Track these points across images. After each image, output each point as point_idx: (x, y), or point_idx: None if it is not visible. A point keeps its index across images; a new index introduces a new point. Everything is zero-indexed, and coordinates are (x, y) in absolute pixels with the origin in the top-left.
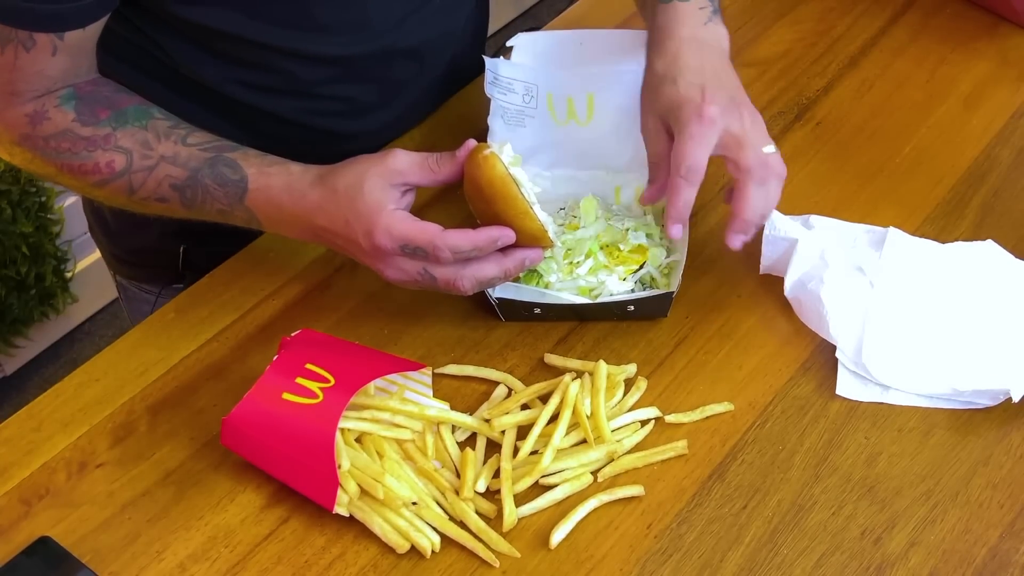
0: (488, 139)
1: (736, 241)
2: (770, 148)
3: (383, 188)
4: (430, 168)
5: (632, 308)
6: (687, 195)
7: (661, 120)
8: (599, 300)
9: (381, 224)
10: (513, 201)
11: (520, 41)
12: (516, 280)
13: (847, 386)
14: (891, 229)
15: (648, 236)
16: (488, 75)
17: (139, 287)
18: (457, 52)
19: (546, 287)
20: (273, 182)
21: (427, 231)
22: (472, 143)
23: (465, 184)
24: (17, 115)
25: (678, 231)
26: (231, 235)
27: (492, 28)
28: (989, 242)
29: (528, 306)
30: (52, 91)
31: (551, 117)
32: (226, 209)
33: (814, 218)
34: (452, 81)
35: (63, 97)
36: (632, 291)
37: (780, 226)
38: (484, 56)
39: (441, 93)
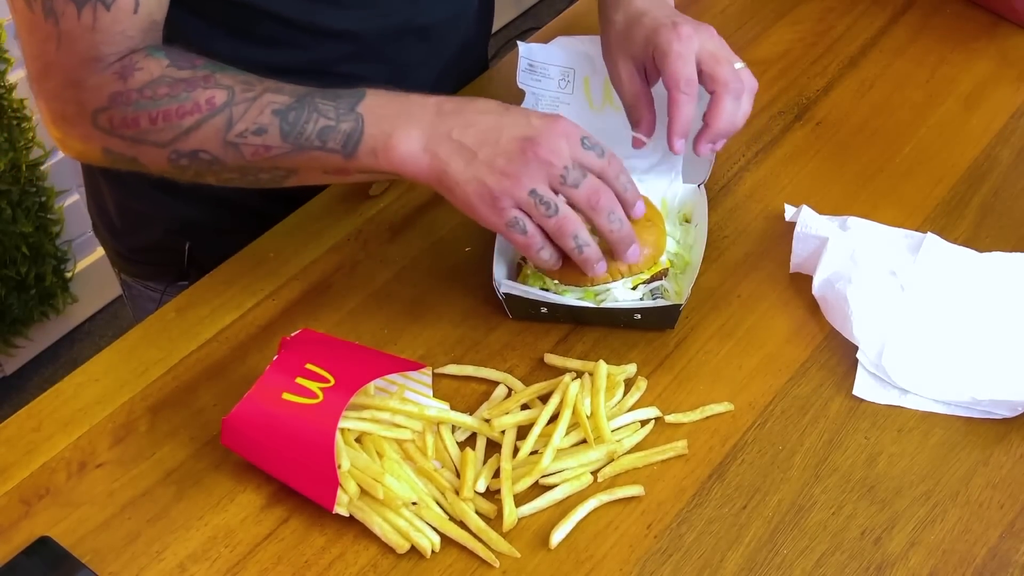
0: None
1: (704, 149)
2: (739, 64)
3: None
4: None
5: (638, 317)
6: (688, 109)
7: (634, 62)
8: (605, 305)
9: (566, 120)
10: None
11: (527, 50)
12: (522, 280)
13: (865, 387)
14: (929, 235)
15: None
16: (522, 63)
17: (144, 285)
18: (465, 40)
19: (550, 289)
20: (392, 94)
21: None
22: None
23: None
24: (103, 77)
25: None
26: (236, 231)
27: (493, 27)
28: None
29: (535, 304)
30: (137, 48)
31: (587, 102)
32: (330, 124)
33: (852, 219)
34: (459, 72)
35: (151, 49)
36: (641, 299)
37: (811, 224)
38: (518, 42)
39: (448, 82)
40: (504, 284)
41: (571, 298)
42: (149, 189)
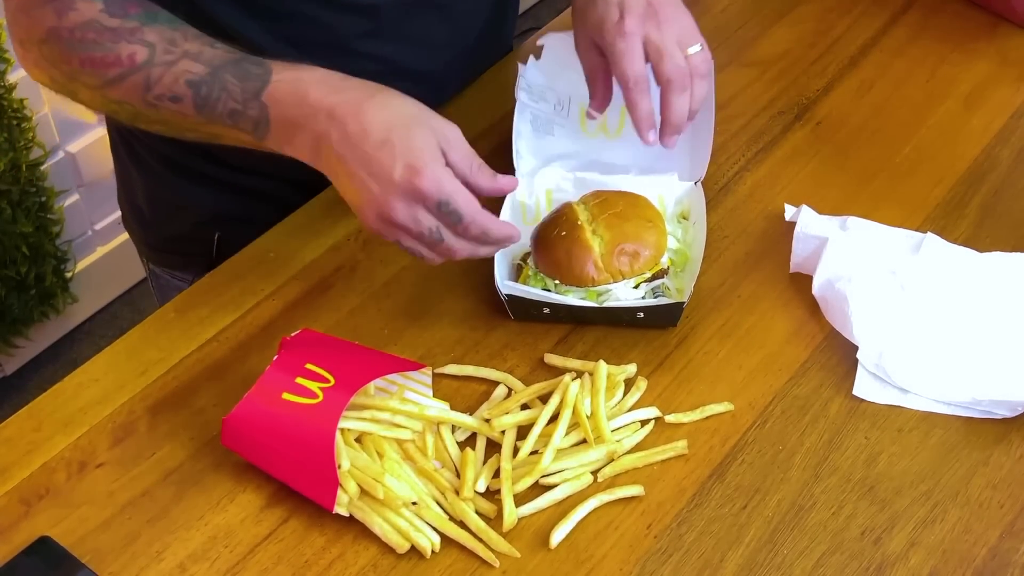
0: (514, 140)
1: (670, 141)
2: (695, 48)
3: (437, 144)
4: (468, 167)
5: (641, 315)
6: (644, 104)
7: (591, 38)
8: (607, 305)
9: (433, 171)
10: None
11: (551, 42)
12: (523, 281)
13: (865, 387)
14: (929, 235)
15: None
16: (520, 81)
17: (172, 274)
18: (488, 19)
19: (551, 290)
20: (304, 75)
21: (473, 203)
22: (514, 184)
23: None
24: (44, 11)
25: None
26: (266, 223)
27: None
28: None
29: (537, 305)
30: None
31: (580, 127)
32: (238, 108)
33: (852, 219)
34: (481, 53)
35: None
36: (643, 298)
37: (811, 224)
38: (519, 63)
39: (469, 63)
40: (506, 285)
41: (573, 298)
42: (182, 180)
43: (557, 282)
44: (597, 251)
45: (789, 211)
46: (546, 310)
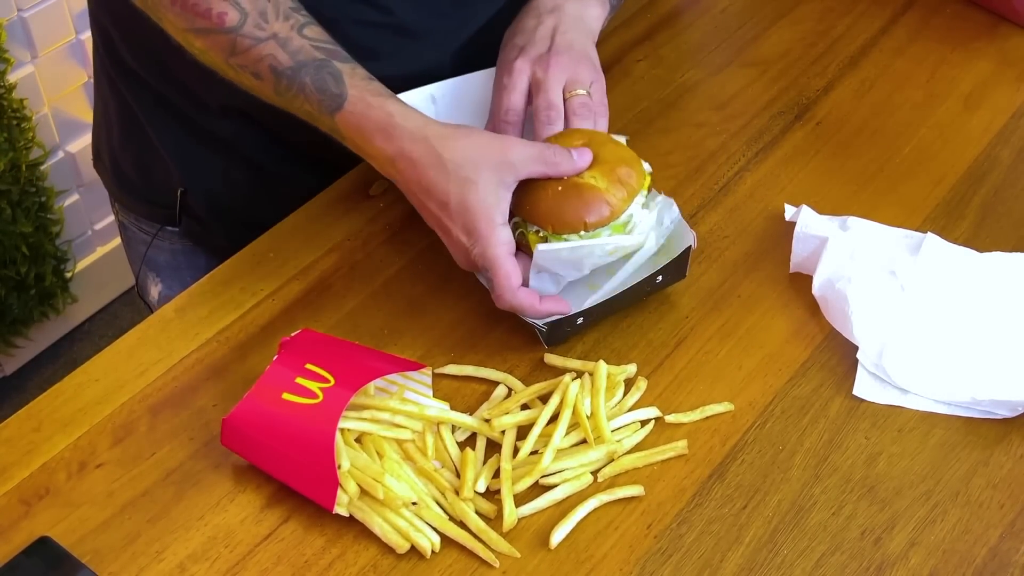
0: None
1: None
2: (579, 91)
3: (496, 187)
4: (545, 161)
5: (660, 279)
6: (513, 132)
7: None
8: (626, 287)
9: (484, 238)
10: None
11: (439, 91)
12: (532, 245)
13: (865, 387)
14: (929, 235)
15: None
16: None
17: (137, 226)
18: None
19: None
20: (372, 114)
21: (510, 280)
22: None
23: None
24: None
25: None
26: (234, 183)
27: None
28: None
29: (571, 320)
30: None
31: None
32: (314, 114)
33: (852, 220)
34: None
35: None
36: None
37: (811, 224)
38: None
39: (474, 52)
40: (541, 322)
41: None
42: (156, 114)
43: (582, 232)
44: (604, 187)
45: (789, 211)
46: (580, 320)
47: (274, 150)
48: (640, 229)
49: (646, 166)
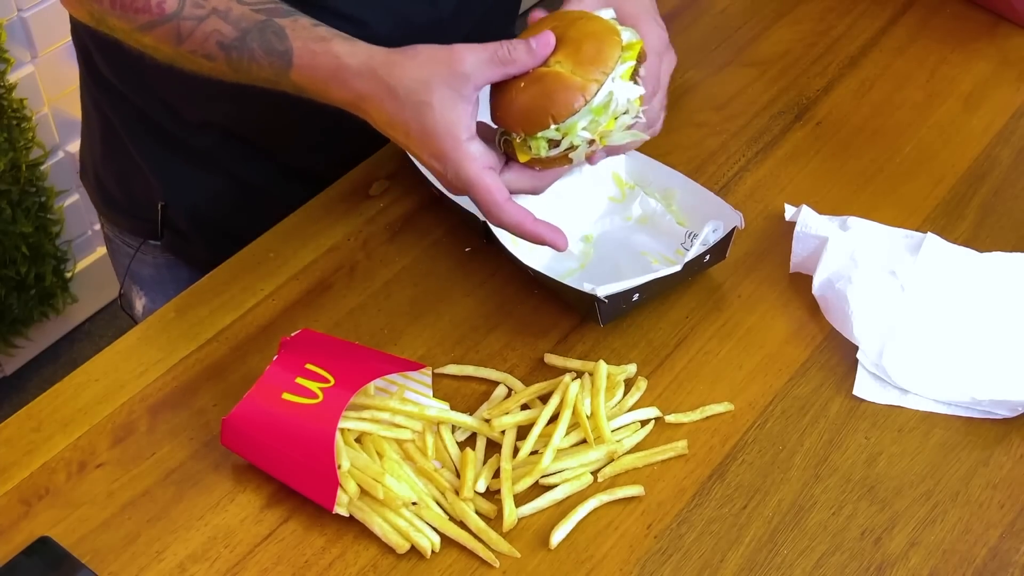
0: None
1: None
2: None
3: (454, 103)
4: (501, 61)
5: (707, 258)
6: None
7: None
8: (684, 262)
9: (451, 159)
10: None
11: None
12: (522, 155)
13: (865, 387)
14: (929, 235)
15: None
16: None
17: (121, 239)
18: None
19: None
20: (320, 61)
21: (492, 195)
22: (550, 41)
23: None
24: None
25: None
26: (215, 198)
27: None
28: None
29: (627, 296)
30: None
31: None
32: (272, 79)
33: (852, 219)
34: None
35: None
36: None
37: (811, 224)
38: None
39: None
40: (601, 289)
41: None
42: (138, 130)
43: (555, 127)
44: (568, 71)
45: (789, 211)
46: (635, 296)
47: (255, 163)
48: (615, 102)
49: (628, 35)
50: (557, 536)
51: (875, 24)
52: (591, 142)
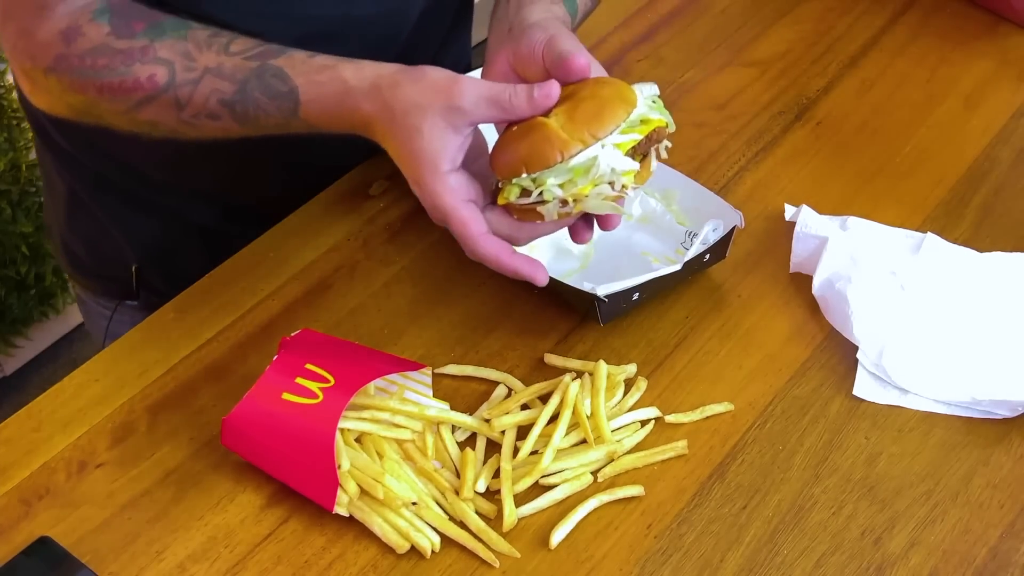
0: None
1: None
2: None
3: (443, 132)
4: (501, 105)
5: (707, 257)
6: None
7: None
8: (684, 261)
9: (429, 188)
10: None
11: None
12: (505, 197)
13: (865, 387)
14: (929, 235)
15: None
16: None
17: (95, 301)
18: (410, 42)
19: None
20: (327, 91)
21: (467, 227)
22: (554, 86)
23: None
24: (50, 34)
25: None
26: (188, 252)
27: (479, 37)
28: None
29: (627, 296)
30: (84, 7)
31: None
32: (283, 123)
33: (852, 220)
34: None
35: (96, 12)
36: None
37: (811, 224)
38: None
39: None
40: (600, 288)
41: (646, 275)
42: (105, 196)
43: (525, 176)
44: (559, 126)
45: (789, 211)
46: (635, 296)
47: (223, 214)
48: (605, 171)
49: (655, 114)
50: (557, 536)
51: (875, 24)
52: (564, 202)
